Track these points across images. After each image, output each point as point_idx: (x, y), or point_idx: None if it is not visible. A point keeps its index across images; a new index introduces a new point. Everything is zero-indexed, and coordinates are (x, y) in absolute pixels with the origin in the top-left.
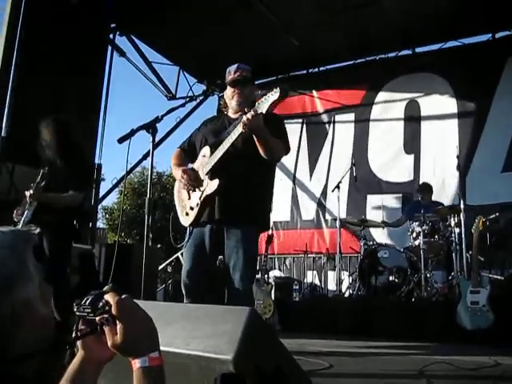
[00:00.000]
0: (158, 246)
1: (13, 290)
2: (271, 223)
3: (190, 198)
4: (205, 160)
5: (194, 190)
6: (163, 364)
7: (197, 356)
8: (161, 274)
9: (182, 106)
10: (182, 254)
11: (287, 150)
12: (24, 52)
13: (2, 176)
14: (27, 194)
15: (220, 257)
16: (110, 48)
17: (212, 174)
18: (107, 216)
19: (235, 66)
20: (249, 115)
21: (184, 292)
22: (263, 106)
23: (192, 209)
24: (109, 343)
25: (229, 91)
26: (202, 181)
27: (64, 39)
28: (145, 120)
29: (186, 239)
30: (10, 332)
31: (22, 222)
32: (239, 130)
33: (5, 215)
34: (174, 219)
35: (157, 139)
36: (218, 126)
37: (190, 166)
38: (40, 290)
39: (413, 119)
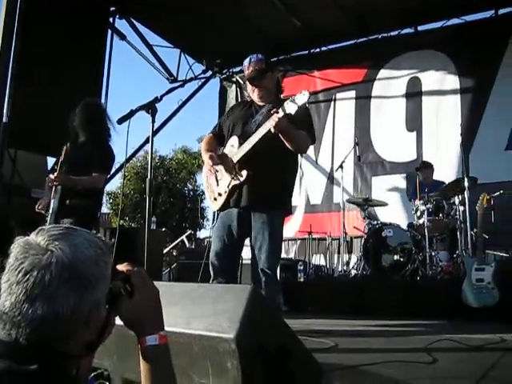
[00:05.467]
0: (163, 229)
1: (96, 289)
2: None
3: (218, 185)
4: (233, 150)
5: (218, 177)
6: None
7: (199, 335)
8: (166, 257)
9: (181, 86)
10: (187, 237)
11: (313, 141)
12: (23, 37)
13: (4, 161)
14: (51, 177)
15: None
16: (109, 32)
17: (240, 165)
18: (111, 201)
19: (248, 60)
20: (275, 117)
21: (212, 273)
22: (292, 107)
23: (220, 195)
24: (119, 314)
25: (248, 87)
26: (222, 179)
27: (63, 24)
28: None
29: (214, 222)
30: (77, 328)
31: (50, 213)
32: (267, 126)
33: (10, 199)
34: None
35: (159, 123)
36: (246, 113)
37: (221, 151)
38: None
39: (414, 95)
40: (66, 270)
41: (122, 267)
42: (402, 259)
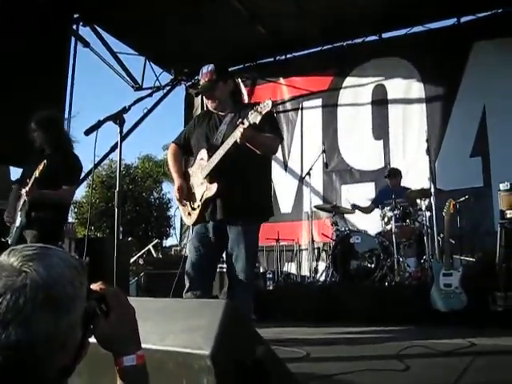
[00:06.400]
0: (129, 238)
1: (72, 311)
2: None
3: (191, 200)
4: (203, 163)
5: (185, 204)
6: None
7: (173, 352)
8: (133, 266)
9: (149, 95)
10: (153, 247)
11: (281, 140)
12: None
13: None
14: (23, 191)
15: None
16: (73, 39)
17: (211, 178)
18: (76, 210)
19: (200, 71)
20: (241, 128)
21: (188, 283)
22: (257, 117)
23: (194, 209)
24: (95, 335)
25: (205, 98)
26: (194, 194)
27: (25, 31)
28: (112, 112)
29: (190, 233)
30: (53, 353)
31: (17, 226)
32: (234, 137)
33: None
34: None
35: (124, 130)
36: (210, 124)
37: (191, 165)
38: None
39: (380, 103)
40: (40, 291)
41: (95, 286)
42: (370, 265)
